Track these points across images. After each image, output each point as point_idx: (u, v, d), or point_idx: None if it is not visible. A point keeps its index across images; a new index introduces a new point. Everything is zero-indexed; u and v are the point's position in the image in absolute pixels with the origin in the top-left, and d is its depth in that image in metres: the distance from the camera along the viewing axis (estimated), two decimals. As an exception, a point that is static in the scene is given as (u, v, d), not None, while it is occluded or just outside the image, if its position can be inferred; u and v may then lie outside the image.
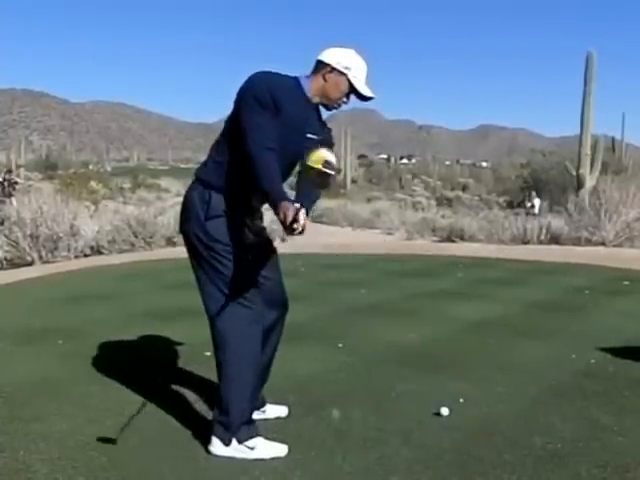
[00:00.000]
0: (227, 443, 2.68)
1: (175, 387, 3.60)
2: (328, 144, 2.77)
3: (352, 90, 2.78)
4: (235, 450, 2.68)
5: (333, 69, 2.74)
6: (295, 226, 2.28)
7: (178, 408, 3.26)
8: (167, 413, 3.19)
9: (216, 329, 2.72)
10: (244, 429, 2.70)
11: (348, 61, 2.75)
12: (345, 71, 2.74)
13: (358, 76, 2.77)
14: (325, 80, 2.75)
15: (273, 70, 2.75)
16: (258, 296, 2.75)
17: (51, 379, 3.77)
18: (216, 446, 2.71)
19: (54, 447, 2.79)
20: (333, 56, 2.76)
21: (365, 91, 2.79)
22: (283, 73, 2.78)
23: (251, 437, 2.70)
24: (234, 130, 2.65)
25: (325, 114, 2.89)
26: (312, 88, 2.75)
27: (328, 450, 2.79)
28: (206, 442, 2.76)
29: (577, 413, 3.27)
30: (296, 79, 2.76)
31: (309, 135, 2.73)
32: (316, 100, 2.77)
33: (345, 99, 2.81)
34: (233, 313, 2.68)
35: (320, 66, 2.77)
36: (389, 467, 2.63)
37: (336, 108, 2.84)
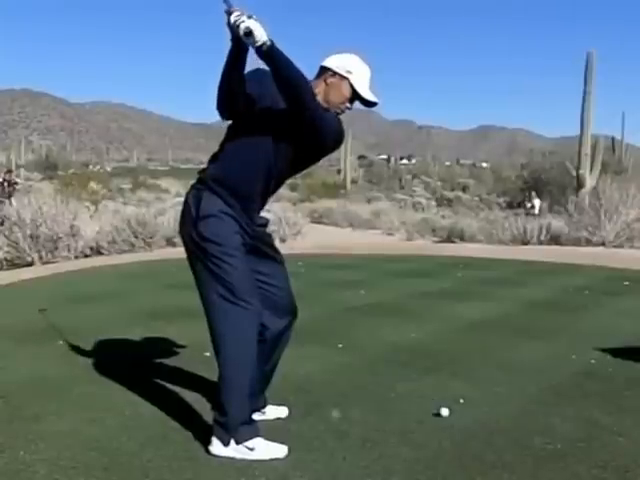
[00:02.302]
0: (226, 443, 2.68)
1: (175, 387, 3.60)
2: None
3: (355, 95, 2.78)
4: (235, 451, 2.68)
5: (335, 73, 2.75)
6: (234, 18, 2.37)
7: (178, 408, 3.26)
8: (167, 413, 3.19)
9: (213, 330, 2.72)
10: (243, 430, 2.70)
11: (350, 65, 2.76)
12: (347, 75, 2.75)
13: (360, 80, 2.76)
14: (327, 84, 2.76)
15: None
16: (256, 296, 2.73)
17: (51, 379, 3.77)
18: (216, 446, 2.70)
19: (54, 447, 2.79)
20: (335, 61, 2.78)
21: (367, 95, 2.78)
22: None
23: (250, 438, 2.70)
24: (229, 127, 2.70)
25: None
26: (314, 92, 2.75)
27: (328, 450, 2.78)
28: (206, 442, 2.76)
29: (577, 413, 3.27)
30: None
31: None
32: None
33: (348, 104, 2.81)
34: (230, 314, 2.66)
35: (323, 71, 2.79)
36: (389, 467, 2.63)
37: (339, 113, 2.83)
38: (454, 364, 4.18)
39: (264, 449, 2.70)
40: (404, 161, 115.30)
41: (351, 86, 2.76)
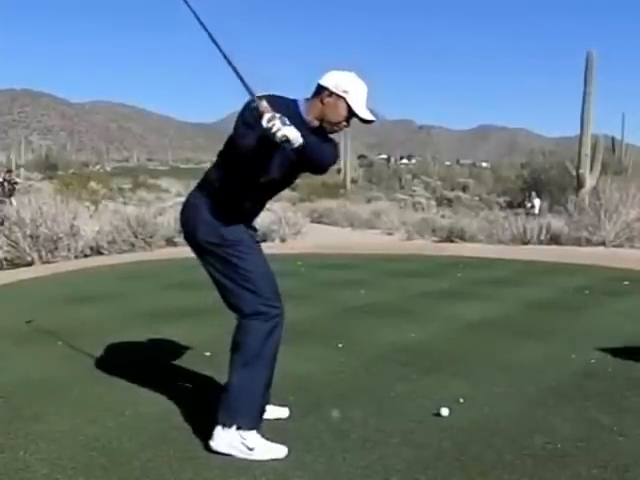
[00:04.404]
0: (228, 426, 2.70)
1: (175, 387, 3.60)
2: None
3: (351, 113, 2.79)
4: (234, 448, 2.69)
5: (331, 93, 2.76)
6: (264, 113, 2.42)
7: (178, 408, 3.26)
8: (167, 413, 3.19)
9: (248, 326, 2.76)
10: (249, 417, 2.73)
11: (346, 84, 2.76)
12: (343, 94, 2.76)
13: (357, 100, 2.77)
14: (323, 104, 2.77)
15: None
16: (278, 292, 2.86)
17: (51, 379, 3.77)
18: (216, 440, 2.71)
19: (54, 447, 2.79)
20: (331, 79, 2.78)
21: (364, 114, 2.79)
22: (282, 95, 2.81)
23: (252, 428, 2.72)
24: (235, 147, 2.71)
25: None
26: (310, 112, 2.78)
27: (328, 450, 2.79)
28: (206, 442, 2.76)
29: (577, 413, 3.27)
30: (295, 103, 2.78)
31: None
32: (315, 124, 2.78)
33: (345, 123, 2.82)
34: (264, 309, 2.77)
35: (319, 90, 2.79)
36: (389, 467, 2.63)
37: (337, 131, 2.86)
38: (454, 364, 4.18)
39: (264, 449, 2.71)
40: (404, 161, 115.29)
41: (348, 106, 2.77)
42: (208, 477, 2.54)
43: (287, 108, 2.71)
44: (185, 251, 2.87)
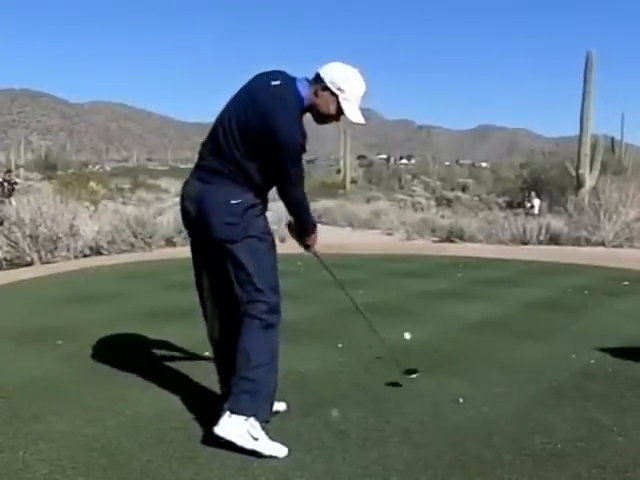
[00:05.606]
0: (238, 413, 2.69)
1: (174, 387, 3.59)
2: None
3: (342, 112, 2.78)
4: (239, 436, 2.68)
5: (326, 87, 2.74)
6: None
7: (178, 408, 3.26)
8: (167, 413, 3.19)
9: (267, 323, 2.79)
10: (265, 413, 2.77)
11: (343, 82, 2.74)
12: (337, 92, 2.74)
13: (350, 100, 2.76)
14: (317, 96, 2.76)
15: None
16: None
17: (51, 379, 3.77)
18: (222, 426, 2.71)
19: (54, 447, 2.79)
20: (330, 73, 2.76)
21: (353, 117, 2.79)
22: (284, 73, 2.82)
23: (266, 420, 2.76)
24: (262, 156, 2.75)
25: None
26: (306, 99, 2.77)
27: (328, 450, 2.78)
28: (206, 442, 2.77)
29: (577, 413, 3.27)
30: (294, 83, 2.77)
31: None
32: (307, 110, 2.80)
33: (335, 118, 2.83)
34: (278, 306, 2.85)
35: (317, 79, 2.77)
36: (389, 467, 2.63)
37: (326, 123, 2.86)
38: (454, 364, 4.18)
39: (266, 444, 2.71)
40: (404, 161, 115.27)
41: (339, 104, 2.76)
42: (208, 477, 2.54)
43: (291, 93, 2.73)
44: (185, 251, 2.87)
